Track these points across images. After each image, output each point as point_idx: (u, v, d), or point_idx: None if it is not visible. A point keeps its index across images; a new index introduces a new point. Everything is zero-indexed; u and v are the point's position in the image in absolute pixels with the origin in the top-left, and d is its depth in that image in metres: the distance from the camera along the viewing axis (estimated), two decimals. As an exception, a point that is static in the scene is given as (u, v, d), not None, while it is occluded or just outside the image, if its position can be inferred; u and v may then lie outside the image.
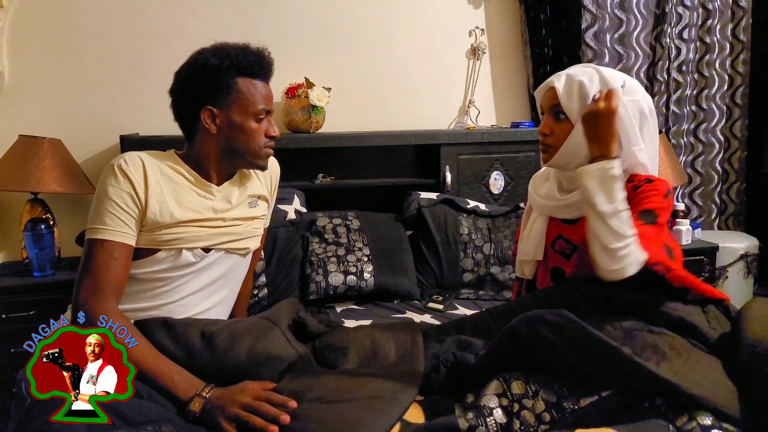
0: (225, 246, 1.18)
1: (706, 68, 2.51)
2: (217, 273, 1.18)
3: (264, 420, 0.86)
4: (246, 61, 1.13)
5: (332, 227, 1.85)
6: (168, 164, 1.15)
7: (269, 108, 1.18)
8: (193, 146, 1.18)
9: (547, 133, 1.18)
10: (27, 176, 1.81)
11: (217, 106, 1.13)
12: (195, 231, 1.13)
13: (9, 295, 1.75)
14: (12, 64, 2.00)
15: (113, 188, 1.06)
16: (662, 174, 2.17)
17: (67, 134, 1.96)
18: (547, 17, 2.32)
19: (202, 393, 0.92)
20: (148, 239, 1.09)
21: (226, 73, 1.12)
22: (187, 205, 1.13)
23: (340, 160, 2.20)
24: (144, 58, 2.07)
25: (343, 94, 2.19)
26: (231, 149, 1.16)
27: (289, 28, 2.17)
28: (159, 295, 1.11)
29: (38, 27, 2.01)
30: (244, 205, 1.24)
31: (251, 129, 1.15)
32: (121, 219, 1.06)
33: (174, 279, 1.12)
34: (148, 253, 1.10)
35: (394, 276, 1.75)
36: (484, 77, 2.38)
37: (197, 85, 1.13)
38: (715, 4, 2.46)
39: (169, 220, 1.09)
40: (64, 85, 2.04)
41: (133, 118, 2.07)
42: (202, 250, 1.15)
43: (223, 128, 1.14)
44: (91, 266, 1.03)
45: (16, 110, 2.01)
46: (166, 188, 1.11)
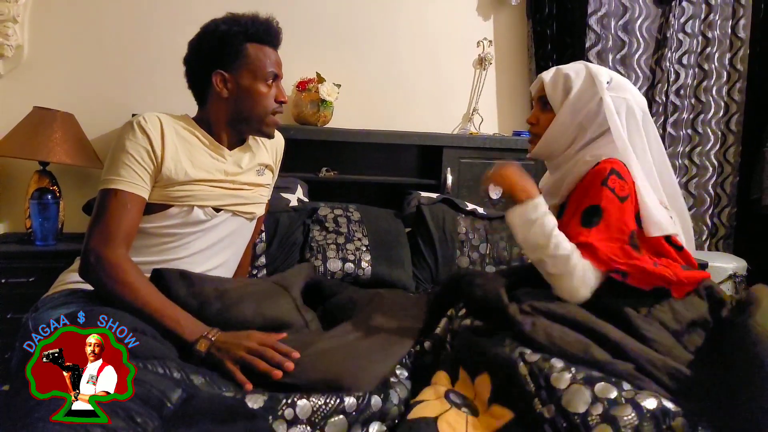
0: (233, 208, 1.22)
1: (703, 94, 2.60)
2: (223, 233, 1.22)
3: (268, 365, 0.89)
4: (254, 28, 1.19)
5: (333, 217, 1.89)
6: (183, 125, 1.19)
7: (278, 72, 1.22)
8: (205, 110, 1.23)
9: (534, 123, 1.25)
10: (38, 146, 1.85)
11: (228, 71, 1.18)
12: (207, 190, 1.17)
13: (10, 260, 1.78)
14: (32, 39, 2.06)
15: (131, 142, 1.10)
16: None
17: (80, 109, 2.01)
18: (553, 33, 2.40)
19: (208, 335, 0.95)
20: (162, 195, 1.13)
21: (234, 38, 1.17)
22: (200, 165, 1.18)
23: (345, 156, 2.25)
24: (158, 42, 2.12)
25: (351, 92, 2.25)
26: (240, 114, 1.21)
27: (303, 25, 2.24)
28: (167, 250, 1.14)
29: (59, 4, 2.07)
30: (253, 172, 1.29)
31: (260, 92, 1.19)
32: (136, 171, 1.09)
33: (184, 235, 1.15)
34: (160, 208, 1.13)
35: (390, 267, 1.79)
36: (490, 87, 2.46)
37: (209, 50, 1.18)
38: (715, 33, 2.56)
39: (183, 177, 1.13)
40: (80, 62, 2.10)
41: (145, 98, 2.12)
42: (213, 209, 1.19)
43: (233, 92, 1.19)
44: (104, 214, 1.06)
45: (32, 83, 2.06)
46: (181, 147, 1.16)
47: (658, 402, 0.82)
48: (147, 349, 0.85)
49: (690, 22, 2.53)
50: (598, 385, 0.84)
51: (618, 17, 2.49)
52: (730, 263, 2.37)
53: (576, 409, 0.81)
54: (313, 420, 0.80)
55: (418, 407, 0.86)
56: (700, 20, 2.55)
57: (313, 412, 0.81)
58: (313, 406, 0.81)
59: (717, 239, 2.70)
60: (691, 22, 2.53)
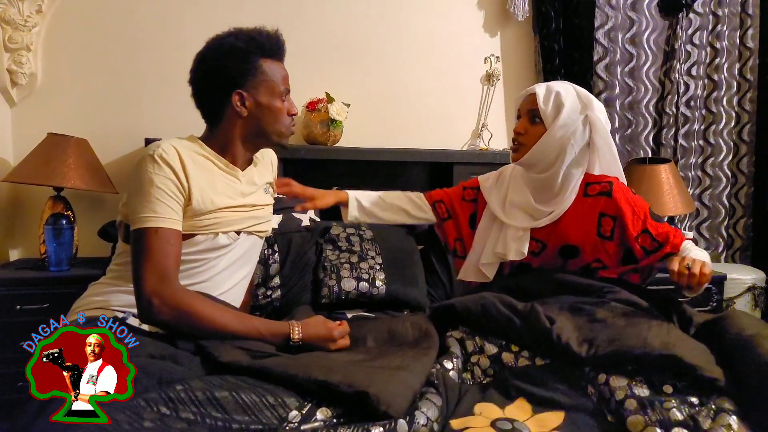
0: (252, 229, 1.23)
1: (713, 104, 2.58)
2: (240, 252, 1.23)
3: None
4: (268, 44, 1.20)
5: (346, 236, 1.88)
6: (195, 150, 1.19)
7: (289, 87, 1.25)
8: (219, 130, 1.21)
9: (522, 132, 1.34)
10: (52, 172, 1.86)
11: (245, 89, 1.18)
12: (230, 215, 1.18)
13: (26, 287, 1.78)
14: (45, 66, 2.09)
15: (158, 176, 1.08)
16: (671, 203, 2.21)
17: (94, 135, 2.03)
18: (561, 48, 2.40)
19: (293, 337, 1.09)
20: (188, 225, 1.13)
21: (252, 56, 1.17)
22: (222, 191, 1.18)
23: (355, 174, 2.25)
24: (169, 67, 2.15)
25: (361, 110, 2.26)
26: (258, 130, 1.21)
27: (312, 46, 2.26)
28: (194, 274, 1.15)
29: (72, 32, 2.10)
30: (262, 191, 1.31)
31: (278, 109, 1.21)
32: (170, 206, 1.08)
33: (208, 260, 1.16)
34: (186, 237, 1.13)
35: (405, 286, 1.77)
36: (498, 102, 2.46)
37: (225, 69, 1.17)
38: (723, 44, 2.55)
39: (210, 206, 1.14)
40: (92, 89, 2.13)
41: (157, 122, 2.14)
42: (235, 233, 1.20)
43: (251, 110, 1.19)
44: (153, 255, 1.04)
45: (46, 109, 2.09)
46: (201, 176, 1.15)
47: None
48: (171, 374, 0.85)
49: (698, 33, 2.53)
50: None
51: (625, 30, 2.49)
52: (749, 275, 2.33)
53: None
54: None
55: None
56: (708, 31, 2.55)
57: None
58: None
59: (734, 251, 2.66)
60: (699, 33, 2.53)
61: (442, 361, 1.04)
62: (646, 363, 0.92)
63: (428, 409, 0.88)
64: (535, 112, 1.32)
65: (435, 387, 0.94)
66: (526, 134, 1.33)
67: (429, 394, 0.92)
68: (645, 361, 0.92)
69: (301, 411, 0.84)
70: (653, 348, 0.92)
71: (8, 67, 2.01)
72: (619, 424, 0.85)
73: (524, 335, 1.09)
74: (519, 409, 0.93)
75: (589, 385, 0.95)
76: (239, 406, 0.82)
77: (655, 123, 2.57)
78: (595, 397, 0.93)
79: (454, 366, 1.04)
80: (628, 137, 2.54)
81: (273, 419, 0.82)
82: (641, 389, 0.89)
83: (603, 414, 0.89)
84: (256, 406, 0.83)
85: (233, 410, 0.81)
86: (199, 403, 0.80)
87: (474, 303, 1.16)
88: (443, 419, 0.90)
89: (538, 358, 1.07)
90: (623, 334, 0.98)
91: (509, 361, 1.08)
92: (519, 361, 1.08)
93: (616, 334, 0.99)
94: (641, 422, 0.82)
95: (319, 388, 0.86)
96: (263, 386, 0.86)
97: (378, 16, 2.32)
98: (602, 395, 0.92)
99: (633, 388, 0.89)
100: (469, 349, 1.11)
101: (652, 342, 0.94)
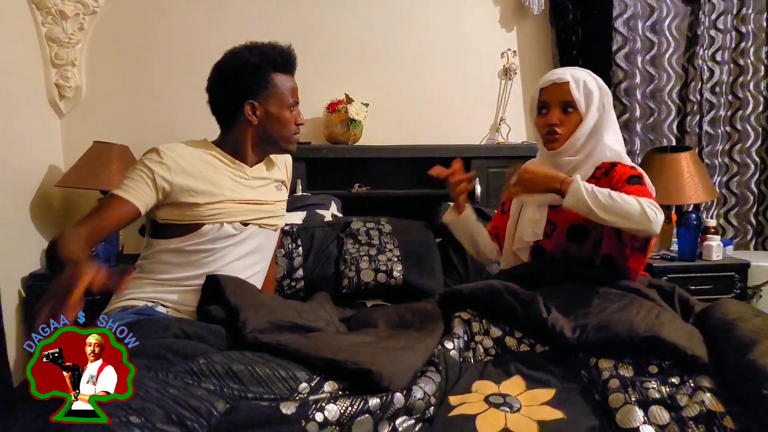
0: (259, 221, 1.36)
1: (740, 90, 2.53)
2: (253, 245, 1.35)
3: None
4: (280, 59, 1.33)
5: (365, 230, 1.98)
6: (204, 150, 1.33)
7: (298, 100, 1.37)
8: (231, 135, 1.36)
9: (557, 123, 1.38)
10: (98, 177, 2.04)
11: (257, 100, 1.32)
12: (234, 207, 1.31)
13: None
14: (89, 80, 2.28)
15: (148, 161, 1.24)
16: (692, 191, 2.19)
17: (134, 141, 2.20)
18: (579, 39, 2.41)
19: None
20: (193, 215, 1.26)
21: (265, 71, 1.31)
22: (225, 185, 1.31)
23: (376, 171, 2.35)
24: (200, 76, 2.28)
25: (379, 109, 2.35)
26: (267, 137, 1.35)
27: (332, 50, 2.37)
28: (205, 264, 1.28)
29: (112, 47, 2.28)
30: (272, 188, 1.43)
31: (286, 118, 1.34)
32: (139, 185, 1.21)
33: (217, 250, 1.29)
34: (195, 227, 1.27)
35: (421, 276, 1.86)
36: (516, 96, 2.49)
37: (239, 81, 1.31)
38: (749, 27, 2.50)
39: (209, 198, 1.27)
40: (132, 99, 2.31)
41: (192, 128, 2.27)
42: (241, 223, 1.32)
43: (261, 118, 1.33)
44: (92, 212, 1.21)
45: (91, 120, 2.28)
46: (204, 170, 1.29)
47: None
48: (193, 350, 0.96)
49: (722, 17, 2.48)
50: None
51: (645, 18, 2.48)
52: (777, 262, 2.29)
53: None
54: (342, 421, 0.88)
55: (459, 407, 0.92)
56: (732, 15, 2.50)
57: (341, 414, 0.89)
58: (340, 408, 0.89)
59: (763, 238, 2.61)
60: (723, 17, 2.48)
61: (443, 341, 1.11)
62: (632, 346, 0.97)
63: (426, 385, 0.96)
64: (568, 103, 1.37)
65: (435, 366, 1.02)
66: (561, 125, 1.38)
67: (429, 372, 1.00)
68: (631, 344, 0.97)
69: (310, 384, 0.93)
70: (638, 331, 0.97)
71: (56, 81, 2.20)
72: (604, 402, 0.91)
73: (526, 323, 1.15)
74: (514, 385, 0.99)
75: (582, 370, 1.01)
76: (254, 378, 0.92)
77: (678, 111, 2.55)
78: (586, 379, 0.99)
79: (455, 346, 1.11)
80: (650, 126, 2.53)
81: (284, 390, 0.91)
82: (626, 370, 0.94)
83: (592, 394, 0.95)
84: (269, 379, 0.92)
85: (249, 382, 0.91)
86: (218, 375, 0.91)
87: (481, 290, 1.22)
88: (441, 394, 0.98)
89: (539, 345, 1.13)
90: (612, 320, 1.04)
91: (512, 346, 1.15)
92: (521, 347, 1.14)
93: (606, 320, 1.05)
94: (621, 399, 0.88)
95: (327, 365, 0.96)
96: (277, 361, 0.96)
97: (394, 17, 2.40)
98: (592, 378, 0.98)
99: (618, 368, 0.95)
100: (475, 330, 1.17)
101: (639, 326, 0.99)
